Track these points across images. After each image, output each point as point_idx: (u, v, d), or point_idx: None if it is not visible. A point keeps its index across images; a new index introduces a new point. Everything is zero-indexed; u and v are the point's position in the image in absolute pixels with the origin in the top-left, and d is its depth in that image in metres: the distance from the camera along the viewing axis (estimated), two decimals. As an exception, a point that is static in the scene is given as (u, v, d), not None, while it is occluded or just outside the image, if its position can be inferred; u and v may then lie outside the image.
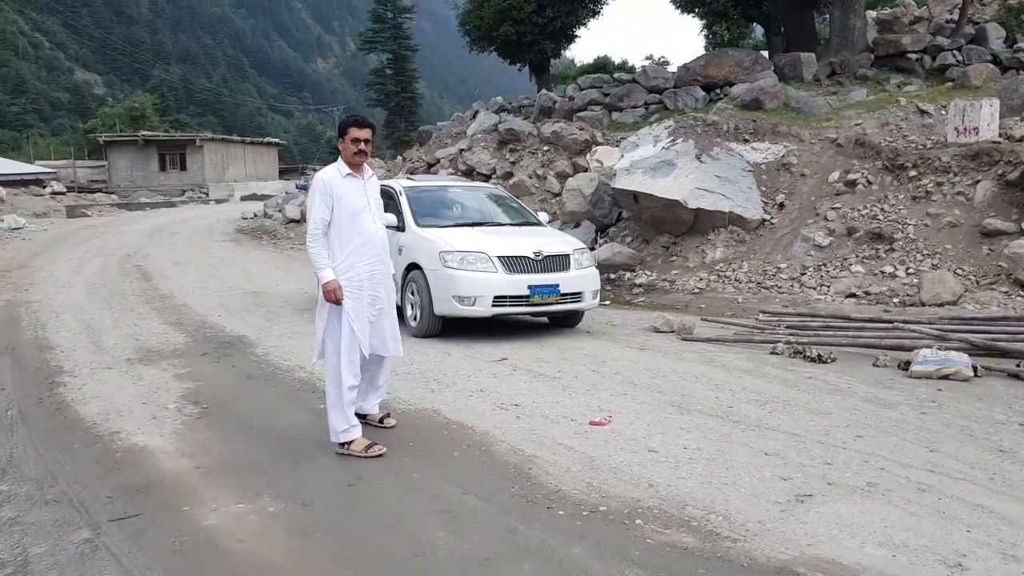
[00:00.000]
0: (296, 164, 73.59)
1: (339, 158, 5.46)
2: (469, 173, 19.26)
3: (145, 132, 54.38)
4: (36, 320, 9.77)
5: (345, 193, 5.32)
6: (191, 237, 23.34)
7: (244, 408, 6.10)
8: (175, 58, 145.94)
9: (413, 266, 8.75)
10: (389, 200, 9.69)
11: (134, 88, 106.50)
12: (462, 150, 19.89)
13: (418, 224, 9.05)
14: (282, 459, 5.01)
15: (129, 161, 52.52)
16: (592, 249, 13.89)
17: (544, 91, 22.55)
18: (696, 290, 11.73)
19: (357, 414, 5.53)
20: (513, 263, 8.39)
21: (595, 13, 28.26)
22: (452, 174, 19.66)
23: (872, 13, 22.19)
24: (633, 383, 6.68)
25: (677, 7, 27.79)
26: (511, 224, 9.61)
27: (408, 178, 10.49)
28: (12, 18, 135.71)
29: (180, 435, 5.46)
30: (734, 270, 11.96)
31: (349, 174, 5.38)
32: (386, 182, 10.28)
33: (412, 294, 8.76)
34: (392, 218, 9.10)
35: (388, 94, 71.88)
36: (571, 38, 28.82)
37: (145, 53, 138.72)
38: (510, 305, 8.36)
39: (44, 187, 42.01)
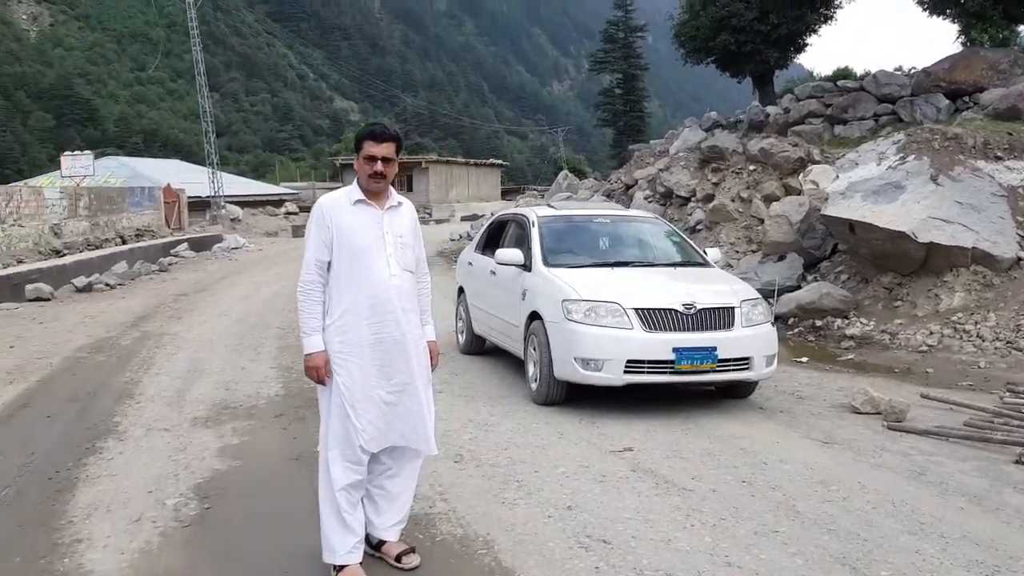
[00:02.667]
0: (521, 184, 73.95)
1: (355, 180, 3.96)
2: (667, 195, 17.31)
3: (377, 155, 56.44)
4: (149, 359, 9.03)
5: (350, 225, 3.80)
6: (388, 260, 22.94)
7: (253, 512, 4.67)
8: (422, 86, 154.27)
9: (535, 315, 7.06)
10: (521, 231, 8.11)
11: (385, 114, 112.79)
12: (660, 170, 17.95)
13: (547, 263, 7.33)
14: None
15: (361, 183, 54.66)
16: (797, 288, 11.61)
17: (756, 103, 20.08)
18: (924, 347, 9.16)
19: (369, 542, 3.97)
20: (655, 317, 6.48)
21: (827, 19, 25.17)
22: (648, 197, 17.83)
23: None
24: (794, 510, 4.60)
25: (925, 9, 24.27)
26: (666, 264, 7.67)
27: (548, 205, 8.82)
28: (283, 52, 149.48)
29: (143, 556, 4.11)
30: (976, 323, 9.26)
31: (360, 200, 3.84)
32: (520, 210, 8.71)
33: (533, 350, 7.07)
34: (518, 255, 7.53)
35: (616, 114, 70.95)
36: (800, 47, 25.90)
37: (396, 81, 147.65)
38: (648, 372, 6.44)
39: (279, 207, 44.35)
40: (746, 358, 6.59)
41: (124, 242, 26.00)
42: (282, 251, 25.92)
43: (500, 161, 71.91)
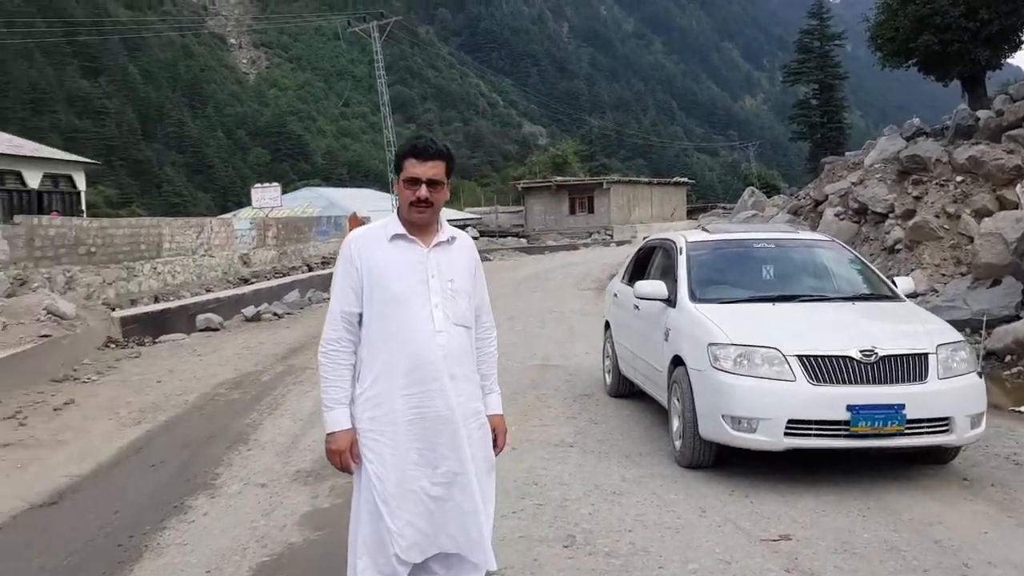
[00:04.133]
0: (711, 203, 71.53)
1: (395, 210, 3.15)
2: (861, 212, 15.53)
3: (558, 177, 56.24)
4: (280, 398, 8.63)
5: (384, 266, 2.97)
6: (560, 284, 22.28)
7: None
8: (609, 107, 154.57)
9: (679, 360, 5.99)
10: (668, 260, 7.07)
11: (572, 137, 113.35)
12: (853, 184, 16.16)
13: (694, 297, 6.23)
14: None
15: (543, 205, 54.59)
16: (1016, 318, 9.80)
17: (963, 106, 17.78)
18: None
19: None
20: (824, 366, 5.24)
21: (1048, 11, 22.23)
22: (840, 214, 16.11)
23: None
24: (1005, 646, 3.34)
25: None
26: (842, 298, 6.36)
27: (703, 228, 7.67)
28: (475, 82, 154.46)
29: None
30: None
31: (399, 235, 3.00)
32: (669, 235, 7.62)
33: (677, 400, 6.00)
34: (661, 287, 6.50)
35: (812, 126, 67.67)
36: (1015, 44, 23.06)
37: (583, 104, 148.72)
38: (816, 435, 5.20)
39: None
40: (944, 419, 5.23)
41: (310, 269, 26.88)
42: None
43: (684, 179, 69.83)
